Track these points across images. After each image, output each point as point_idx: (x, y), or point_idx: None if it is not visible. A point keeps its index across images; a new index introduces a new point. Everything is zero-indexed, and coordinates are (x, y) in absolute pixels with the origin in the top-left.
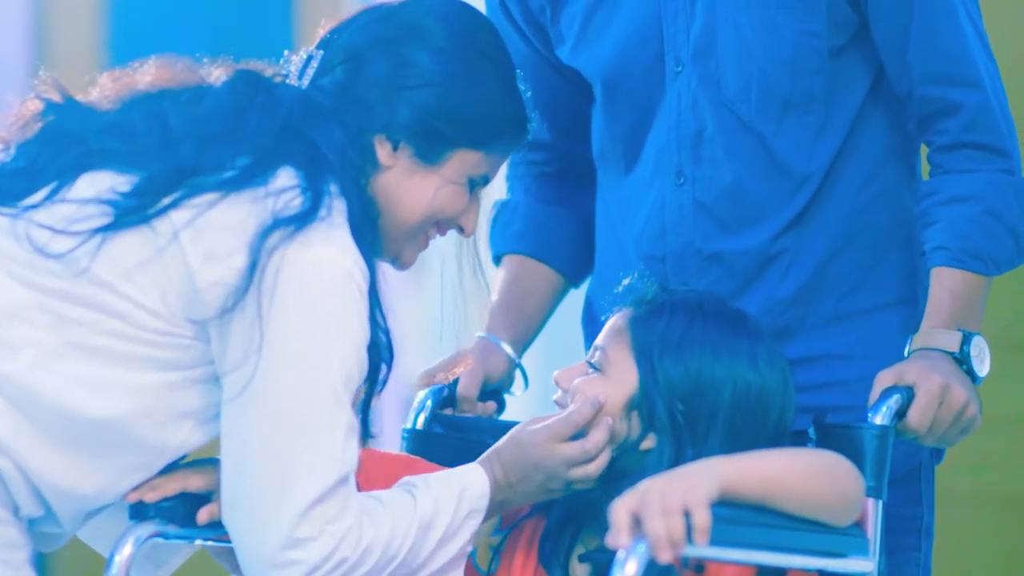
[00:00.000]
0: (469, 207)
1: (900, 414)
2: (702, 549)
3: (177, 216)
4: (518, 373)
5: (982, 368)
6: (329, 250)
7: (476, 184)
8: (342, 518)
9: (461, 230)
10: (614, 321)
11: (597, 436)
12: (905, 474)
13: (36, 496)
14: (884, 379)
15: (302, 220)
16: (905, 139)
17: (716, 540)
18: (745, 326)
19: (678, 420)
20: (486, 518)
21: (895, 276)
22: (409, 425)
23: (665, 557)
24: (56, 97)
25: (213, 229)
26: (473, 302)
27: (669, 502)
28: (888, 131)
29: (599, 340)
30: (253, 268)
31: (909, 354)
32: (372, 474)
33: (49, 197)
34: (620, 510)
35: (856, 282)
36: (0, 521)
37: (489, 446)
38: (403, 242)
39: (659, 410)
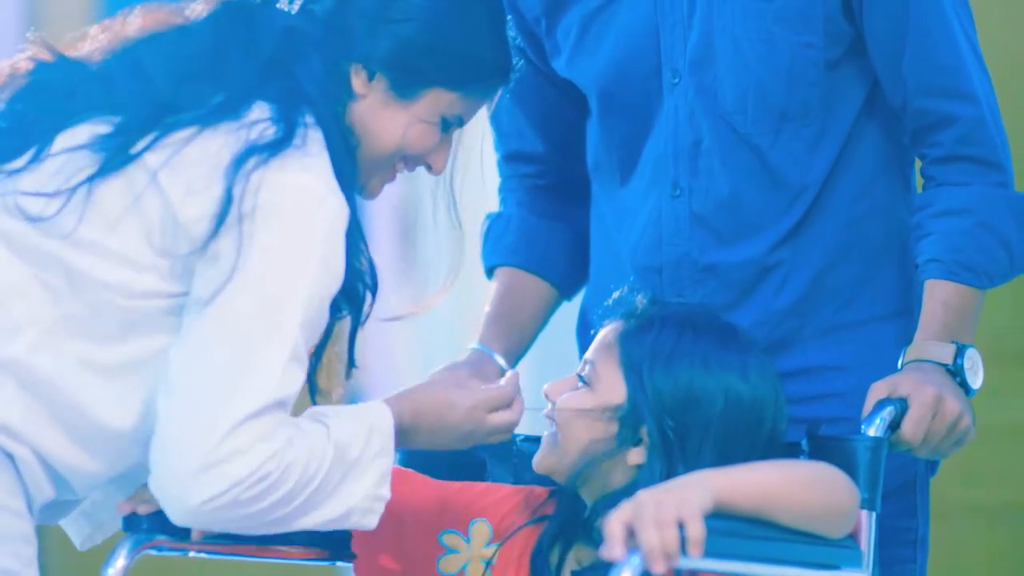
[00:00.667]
0: (440, 146)
1: (893, 426)
2: (696, 561)
3: (153, 158)
4: None
5: (975, 380)
6: (304, 176)
7: (450, 125)
8: (272, 439)
9: (429, 168)
10: (604, 335)
11: (518, 407)
12: (900, 486)
13: (51, 477)
14: (878, 391)
15: (275, 148)
16: (900, 152)
17: (710, 552)
18: (736, 338)
19: (668, 435)
20: None
21: (890, 288)
22: None
23: (659, 569)
24: (47, 56)
25: (190, 165)
26: (447, 240)
27: (663, 514)
28: (883, 144)
29: (589, 354)
30: (230, 193)
31: (903, 366)
32: None
33: (33, 160)
34: (614, 522)
35: (851, 294)
36: (16, 514)
37: (483, 460)
38: (370, 173)
39: (649, 425)
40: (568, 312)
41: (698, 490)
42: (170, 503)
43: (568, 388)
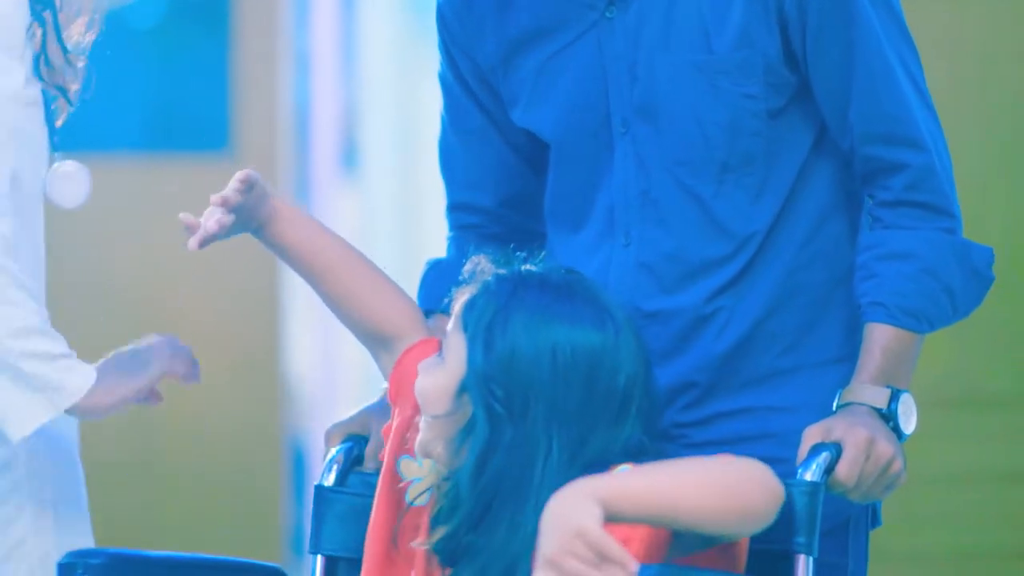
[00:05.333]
0: None
1: (829, 470)
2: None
3: None
4: None
5: (908, 426)
6: None
7: None
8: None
9: None
10: (456, 305)
11: None
12: (835, 527)
13: None
14: (812, 435)
15: None
16: (849, 195)
17: None
18: (571, 291)
19: (494, 406)
20: None
21: (835, 334)
22: (319, 482)
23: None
24: None
25: None
26: None
27: (577, 549)
28: (832, 188)
29: (447, 325)
30: None
31: (837, 408)
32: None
33: None
34: None
35: (795, 339)
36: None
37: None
38: None
39: (474, 394)
40: None
41: (584, 505)
42: None
43: (432, 364)
